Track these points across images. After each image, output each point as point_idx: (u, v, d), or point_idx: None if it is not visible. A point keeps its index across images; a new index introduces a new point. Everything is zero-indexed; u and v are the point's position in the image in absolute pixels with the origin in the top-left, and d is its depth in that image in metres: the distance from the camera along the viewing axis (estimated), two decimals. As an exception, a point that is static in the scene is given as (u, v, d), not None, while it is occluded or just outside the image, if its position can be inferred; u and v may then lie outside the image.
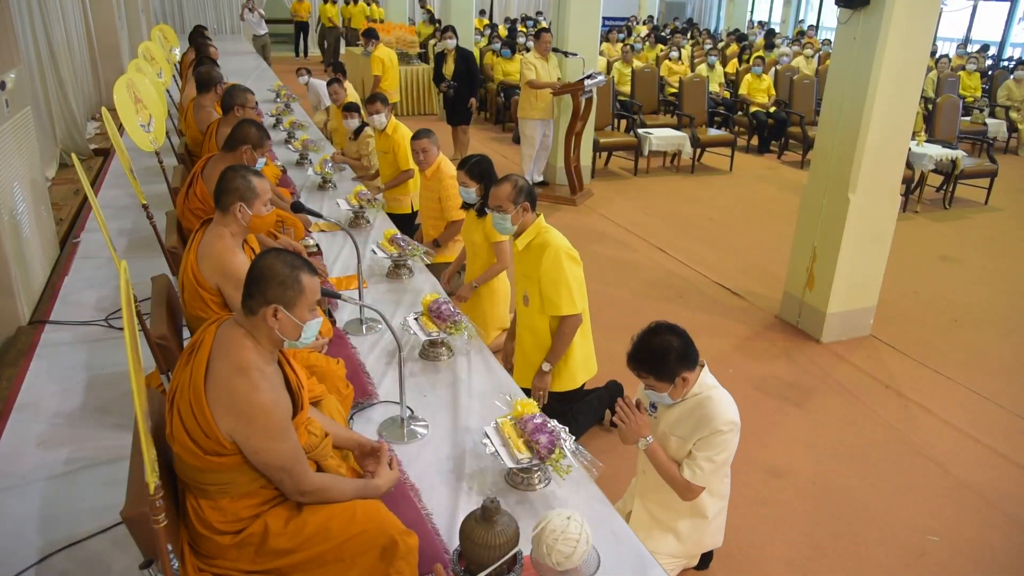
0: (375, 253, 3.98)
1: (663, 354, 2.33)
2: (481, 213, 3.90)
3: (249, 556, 1.86)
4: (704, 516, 2.55)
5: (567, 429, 2.36)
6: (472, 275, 4.06)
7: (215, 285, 2.70)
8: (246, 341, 1.86)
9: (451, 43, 8.60)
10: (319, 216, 3.56)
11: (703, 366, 2.46)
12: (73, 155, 3.24)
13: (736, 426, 2.41)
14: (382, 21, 15.81)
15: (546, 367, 3.21)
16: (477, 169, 3.85)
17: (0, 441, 2.66)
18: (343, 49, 16.40)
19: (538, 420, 2.34)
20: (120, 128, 4.50)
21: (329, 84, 6.78)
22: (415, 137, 4.58)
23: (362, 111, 6.18)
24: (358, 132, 6.19)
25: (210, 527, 1.85)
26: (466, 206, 4.03)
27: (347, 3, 16.34)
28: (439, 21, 15.99)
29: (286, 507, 1.92)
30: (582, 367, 3.33)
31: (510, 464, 2.26)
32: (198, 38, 8.36)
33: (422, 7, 16.29)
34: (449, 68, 8.61)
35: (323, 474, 2.01)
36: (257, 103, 4.95)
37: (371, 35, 9.25)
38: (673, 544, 2.54)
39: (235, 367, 1.81)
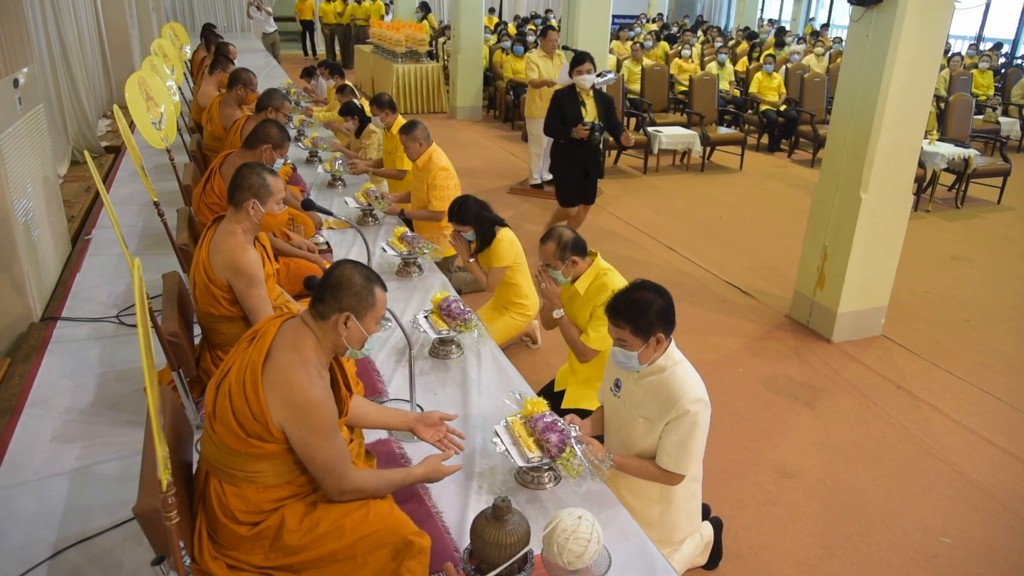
0: (385, 251, 3.98)
1: (645, 307, 2.29)
2: (484, 245, 3.91)
3: (263, 550, 1.88)
4: (670, 502, 2.49)
5: (577, 428, 2.36)
6: (497, 298, 4.14)
7: (226, 281, 2.70)
8: (310, 341, 1.92)
9: (589, 80, 5.73)
10: (330, 214, 3.57)
11: (671, 342, 2.41)
12: (86, 153, 3.25)
13: (704, 402, 2.33)
14: (382, 17, 15.84)
15: (557, 314, 3.20)
16: (463, 214, 3.83)
17: (13, 437, 2.67)
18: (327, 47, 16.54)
19: (548, 419, 2.33)
20: (131, 125, 4.53)
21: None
22: (401, 131, 4.69)
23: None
24: (359, 131, 6.23)
25: (230, 515, 1.87)
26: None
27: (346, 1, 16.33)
28: (424, 5, 15.89)
29: (303, 504, 1.94)
30: None
31: (520, 463, 2.26)
32: (211, 36, 8.37)
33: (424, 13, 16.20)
34: (592, 114, 5.78)
35: (363, 471, 2.04)
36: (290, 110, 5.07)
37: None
38: (648, 532, 2.50)
39: (297, 361, 1.87)
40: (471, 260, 4.00)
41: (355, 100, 6.59)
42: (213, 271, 2.69)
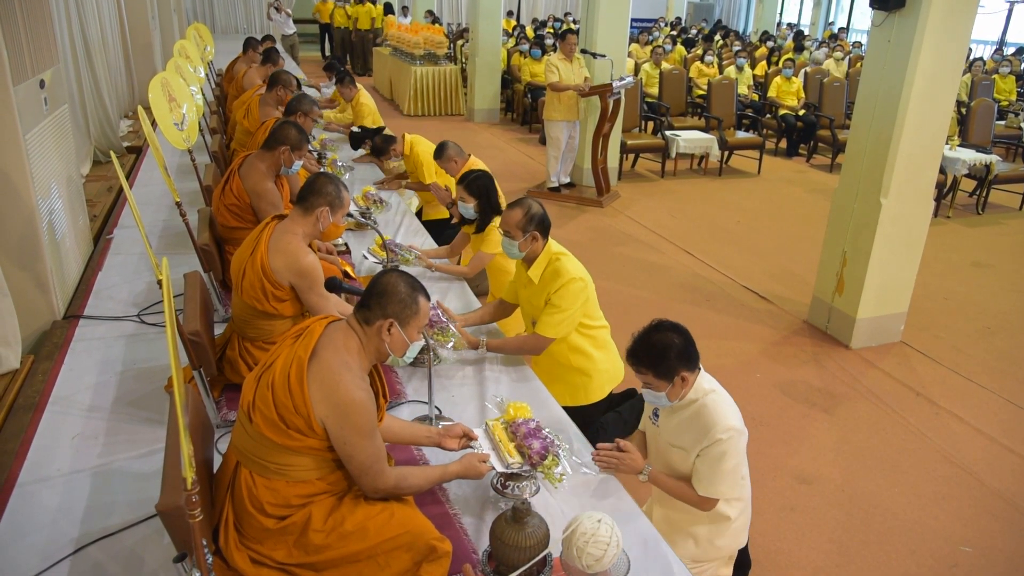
0: (366, 259, 3.99)
1: (663, 351, 2.27)
2: (479, 229, 3.88)
3: (286, 546, 1.90)
4: (727, 518, 2.49)
5: (560, 436, 2.33)
6: (494, 291, 4.11)
7: (286, 282, 2.76)
8: (354, 344, 1.98)
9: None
10: (349, 215, 3.58)
11: (700, 371, 2.39)
12: (112, 153, 3.29)
13: (736, 431, 2.31)
14: (372, 19, 15.90)
15: (481, 349, 3.11)
16: (475, 185, 3.80)
17: (36, 434, 2.70)
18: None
19: (532, 425, 2.29)
20: (153, 124, 4.58)
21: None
22: (435, 158, 4.73)
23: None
24: (378, 152, 6.26)
25: (259, 506, 1.90)
26: (466, 222, 4.01)
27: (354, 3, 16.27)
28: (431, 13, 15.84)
29: (331, 502, 1.96)
30: (608, 378, 3.29)
31: (499, 468, 2.21)
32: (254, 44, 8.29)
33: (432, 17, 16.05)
34: None
35: (398, 469, 2.08)
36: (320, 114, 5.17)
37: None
38: (692, 549, 2.50)
39: (342, 362, 1.92)
40: (437, 261, 4.02)
41: (353, 86, 6.75)
42: (271, 269, 2.73)
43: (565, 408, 2.85)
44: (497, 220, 3.83)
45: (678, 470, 2.44)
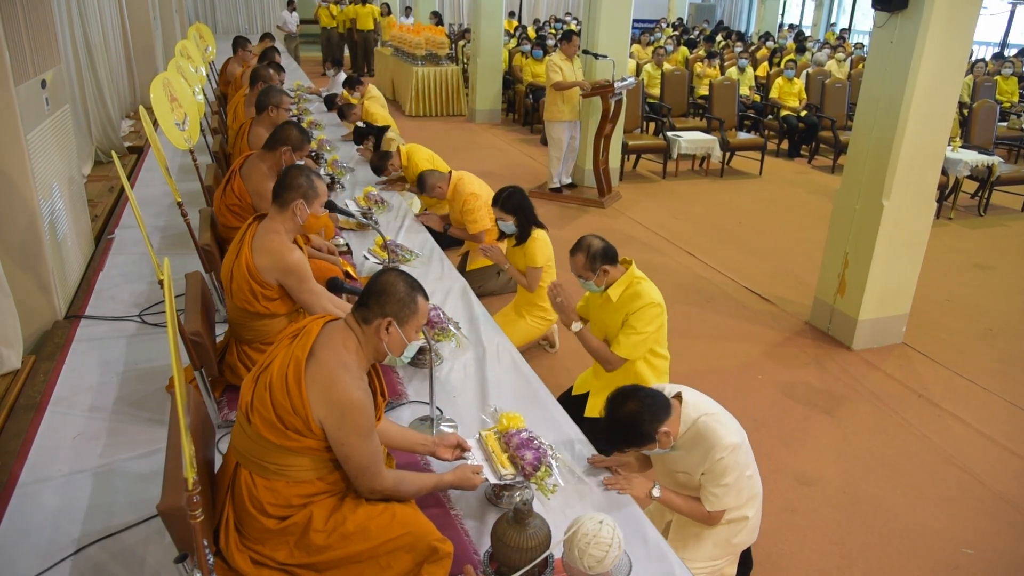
0: (367, 259, 4.00)
1: (634, 426, 2.25)
2: (520, 241, 3.98)
3: (287, 547, 1.90)
4: (745, 517, 2.52)
5: (554, 446, 2.34)
6: (518, 301, 4.21)
7: (274, 281, 2.75)
8: (352, 344, 1.97)
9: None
10: (351, 215, 3.58)
11: (680, 398, 2.38)
12: (114, 154, 3.29)
13: (735, 446, 2.31)
14: (375, 20, 15.87)
15: (576, 327, 3.18)
16: (510, 203, 3.93)
17: (37, 434, 2.70)
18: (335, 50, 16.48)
19: (524, 435, 2.29)
20: (154, 124, 4.58)
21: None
22: (420, 192, 4.90)
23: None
24: (377, 146, 6.29)
25: (260, 507, 1.90)
26: (505, 236, 4.10)
27: (353, 3, 16.20)
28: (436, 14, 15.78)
29: (332, 502, 1.96)
30: None
31: (492, 480, 2.21)
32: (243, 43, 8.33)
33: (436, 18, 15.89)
34: None
35: (395, 472, 2.08)
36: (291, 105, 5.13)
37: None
38: (711, 549, 2.52)
39: (340, 362, 1.91)
40: (508, 265, 4.09)
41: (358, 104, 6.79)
42: (257, 269, 2.72)
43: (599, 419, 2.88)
44: (536, 232, 3.97)
45: (687, 487, 2.46)
